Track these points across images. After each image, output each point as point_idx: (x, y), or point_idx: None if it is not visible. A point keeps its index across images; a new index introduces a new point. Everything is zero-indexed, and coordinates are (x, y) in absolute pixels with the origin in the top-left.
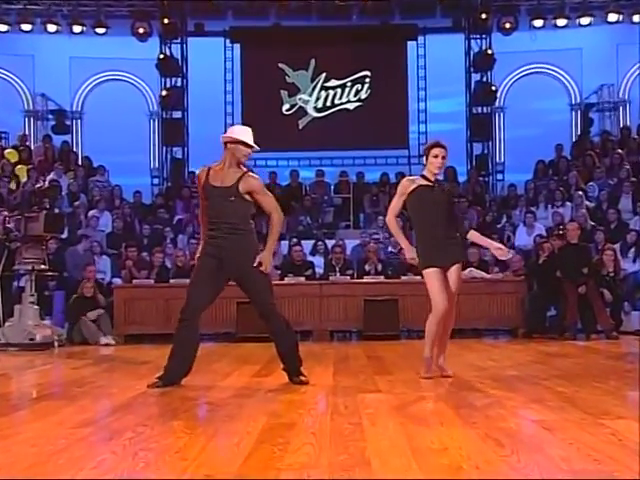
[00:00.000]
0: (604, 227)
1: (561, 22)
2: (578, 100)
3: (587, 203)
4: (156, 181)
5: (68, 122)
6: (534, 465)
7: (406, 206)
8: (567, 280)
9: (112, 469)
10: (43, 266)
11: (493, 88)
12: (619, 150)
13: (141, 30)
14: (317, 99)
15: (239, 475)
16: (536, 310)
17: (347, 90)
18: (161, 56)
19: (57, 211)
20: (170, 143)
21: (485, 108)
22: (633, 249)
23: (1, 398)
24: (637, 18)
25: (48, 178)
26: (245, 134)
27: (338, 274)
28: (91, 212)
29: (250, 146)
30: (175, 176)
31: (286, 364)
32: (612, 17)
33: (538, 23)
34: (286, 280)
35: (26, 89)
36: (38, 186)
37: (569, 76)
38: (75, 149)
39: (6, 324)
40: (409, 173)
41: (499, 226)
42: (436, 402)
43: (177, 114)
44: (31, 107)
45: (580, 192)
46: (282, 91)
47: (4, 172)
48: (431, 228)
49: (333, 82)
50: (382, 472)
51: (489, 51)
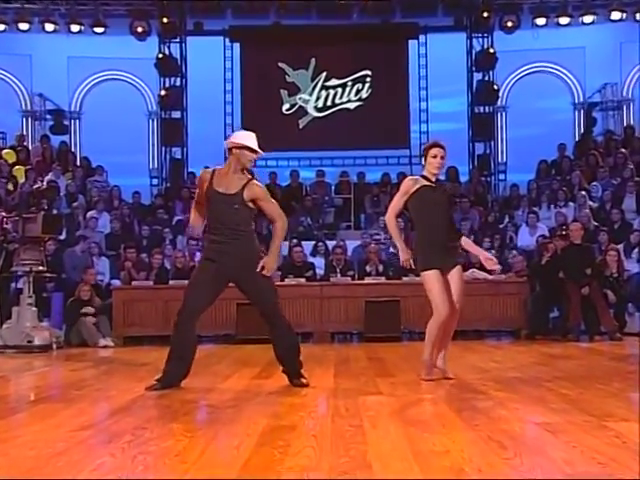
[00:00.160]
0: (607, 227)
1: (564, 20)
2: (581, 99)
3: (590, 203)
4: (155, 182)
5: (66, 122)
6: (537, 468)
7: (407, 206)
8: (570, 281)
9: (111, 472)
10: (41, 267)
11: (495, 87)
12: (622, 149)
13: (140, 29)
14: (317, 99)
15: (239, 478)
16: (539, 311)
17: (348, 89)
18: (160, 55)
19: (55, 212)
20: (169, 143)
21: (487, 107)
22: (637, 249)
23: None
24: None
25: (46, 179)
26: (249, 139)
27: (339, 275)
28: (90, 213)
29: (255, 151)
30: (174, 176)
31: (286, 366)
32: (615, 15)
33: (540, 21)
34: (286, 281)
35: (24, 89)
36: (36, 187)
37: (572, 75)
38: (73, 149)
39: (4, 326)
40: (410, 173)
41: (501, 226)
42: (438, 404)
43: (176, 114)
44: (29, 107)
45: (583, 192)
46: (282, 90)
47: (2, 173)
48: (432, 229)
49: (333, 81)
50: (383, 475)
51: (491, 50)
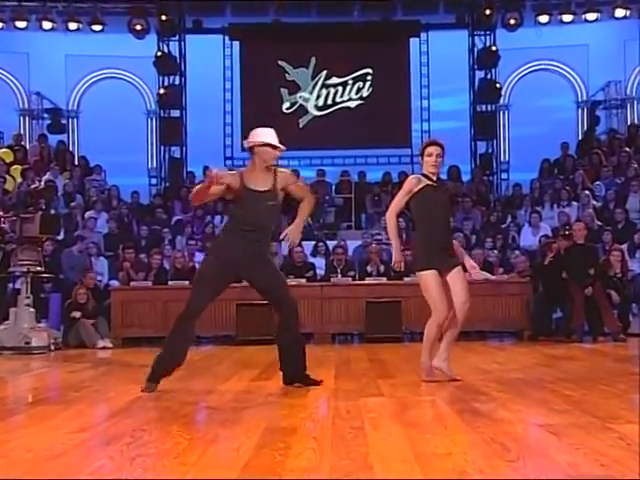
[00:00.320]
0: (611, 227)
1: (567, 18)
2: (584, 97)
3: (594, 203)
4: (154, 181)
5: (64, 121)
6: (540, 470)
7: (409, 206)
8: (573, 281)
9: (110, 474)
10: (39, 268)
11: (497, 85)
12: (626, 148)
13: (138, 27)
14: (318, 97)
15: None
16: (542, 312)
17: (348, 88)
18: (159, 54)
19: (53, 212)
20: (168, 142)
21: (489, 106)
22: None
23: None
24: None
25: (44, 178)
26: (270, 136)
27: (339, 275)
28: (88, 213)
29: (276, 147)
30: (173, 176)
31: (288, 363)
32: (619, 12)
33: (543, 19)
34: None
35: (21, 87)
36: (34, 186)
37: (575, 73)
38: (71, 149)
39: (1, 327)
40: (412, 172)
41: (504, 226)
42: (439, 406)
43: (175, 113)
44: (26, 106)
45: (587, 191)
46: (282, 89)
47: None
48: (433, 229)
49: (334, 80)
50: (385, 477)
51: (493, 48)
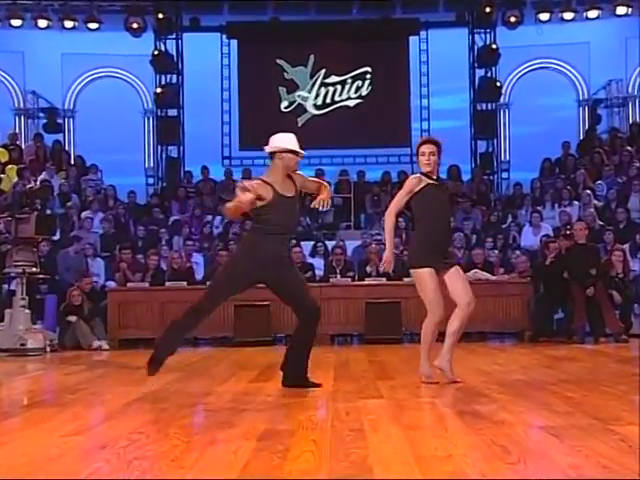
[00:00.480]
0: (613, 227)
1: (568, 15)
2: (586, 96)
3: (595, 202)
4: (151, 181)
5: (60, 120)
6: (541, 472)
7: (410, 205)
8: (575, 282)
9: (106, 478)
10: (34, 269)
11: (498, 84)
12: (628, 147)
13: (135, 25)
14: (316, 96)
15: None
16: (543, 313)
17: (347, 87)
18: (156, 52)
19: (49, 212)
20: (165, 142)
21: (490, 105)
22: None
23: None
24: None
25: (39, 178)
26: (292, 142)
27: (339, 276)
28: (84, 213)
29: (297, 153)
30: (170, 176)
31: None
32: (621, 10)
33: (544, 16)
34: None
35: (16, 86)
36: (29, 186)
37: (576, 71)
38: (67, 148)
39: None
40: (411, 172)
41: (504, 226)
42: (440, 408)
43: (172, 112)
44: (22, 105)
45: (588, 191)
46: (280, 88)
47: None
48: (433, 228)
49: (333, 78)
50: None
51: (494, 46)
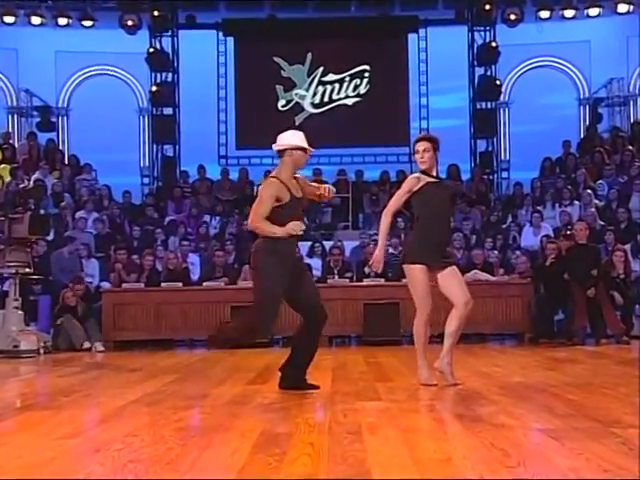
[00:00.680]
0: (614, 227)
1: (568, 13)
2: (586, 94)
3: (596, 202)
4: (146, 180)
5: (54, 119)
6: (541, 476)
7: (410, 204)
8: (575, 282)
9: None
10: (28, 269)
11: (497, 82)
12: (629, 147)
13: (130, 23)
14: (314, 94)
15: None
16: (543, 314)
17: (345, 85)
18: (151, 50)
19: (42, 212)
20: (161, 141)
21: (489, 103)
22: None
23: None
24: None
25: (33, 177)
26: (301, 139)
27: (336, 277)
28: (78, 213)
29: (306, 150)
30: (166, 175)
31: (291, 366)
32: (622, 8)
33: (544, 14)
34: None
35: (9, 84)
36: (22, 186)
37: (577, 69)
38: (61, 147)
39: None
40: (410, 171)
41: (504, 226)
42: (439, 410)
43: (168, 110)
44: (15, 103)
45: (589, 190)
46: (277, 86)
47: None
48: (432, 226)
49: (331, 77)
50: None
51: (493, 44)
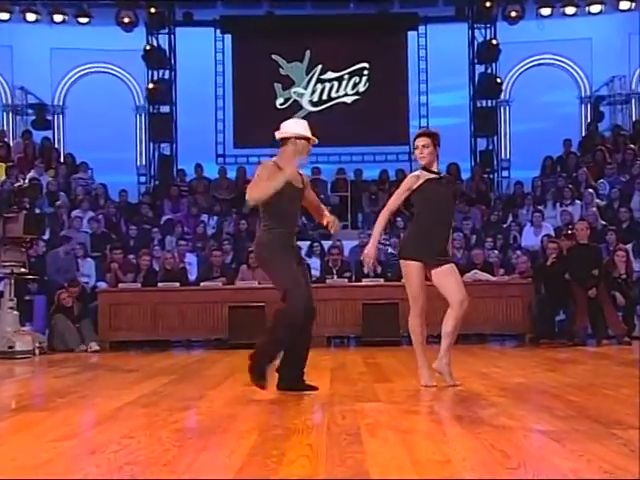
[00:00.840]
0: (615, 227)
1: (570, 10)
2: (588, 93)
3: (597, 201)
4: (143, 179)
5: (49, 117)
6: (542, 477)
7: (410, 203)
8: (576, 283)
9: None
10: (23, 269)
11: (498, 80)
12: (631, 145)
13: (126, 19)
14: (313, 92)
15: None
16: (544, 314)
17: (344, 83)
18: (148, 47)
19: (38, 211)
20: (158, 139)
21: (490, 101)
22: None
23: None
24: None
25: (28, 176)
26: (305, 127)
27: (335, 277)
28: (74, 212)
29: (308, 139)
30: (163, 174)
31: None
32: (624, 5)
33: (545, 11)
34: None
35: (4, 82)
36: (17, 185)
37: (578, 67)
38: (57, 145)
39: None
40: (410, 170)
41: (505, 226)
42: (438, 411)
43: (165, 108)
44: (10, 101)
45: (590, 190)
46: (276, 84)
47: None
48: (431, 223)
49: (329, 74)
50: None
51: (494, 41)
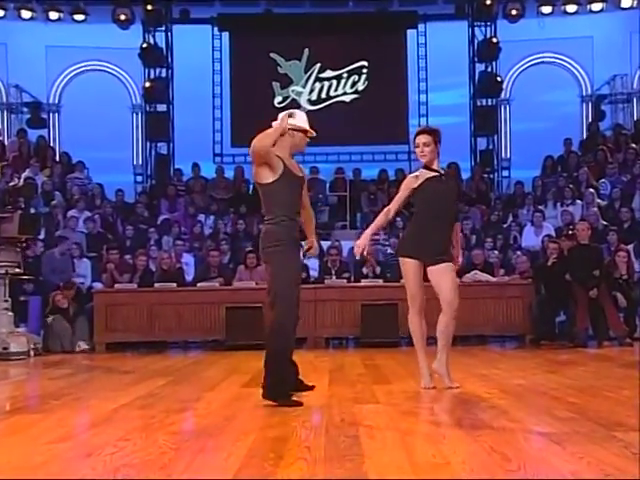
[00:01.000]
0: (617, 227)
1: (571, 8)
2: (589, 91)
3: (598, 201)
4: (139, 179)
5: (44, 115)
6: None
7: (411, 202)
8: (577, 283)
9: None
10: (18, 270)
11: (498, 79)
12: (633, 145)
13: (123, 17)
14: (311, 91)
15: None
16: (544, 315)
17: (343, 81)
18: (144, 45)
19: (33, 211)
20: (154, 138)
21: (490, 100)
22: None
23: None
24: None
25: (23, 175)
26: (304, 120)
27: (334, 277)
28: (70, 212)
29: (306, 131)
30: (160, 173)
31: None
32: (625, 3)
33: (546, 9)
34: None
35: None
36: (12, 184)
37: (579, 66)
38: (52, 144)
39: None
40: (409, 169)
41: (505, 226)
42: (438, 414)
43: (162, 107)
44: (4, 99)
45: (591, 189)
46: (274, 82)
47: None
48: (430, 222)
49: (328, 73)
50: None
51: (494, 39)
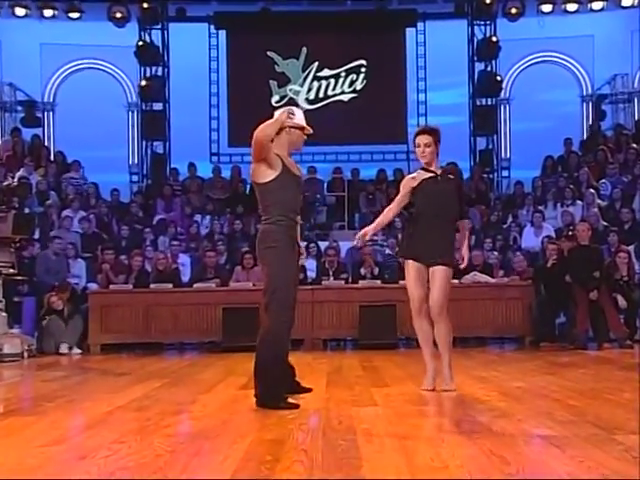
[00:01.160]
0: (617, 227)
1: (571, 7)
2: (589, 91)
3: (599, 202)
4: (135, 178)
5: (39, 114)
6: None
7: (410, 203)
8: (577, 285)
9: None
10: (12, 270)
11: (498, 78)
12: (634, 145)
13: (118, 15)
14: (309, 90)
15: None
16: (544, 317)
17: (341, 80)
18: (140, 43)
19: (27, 211)
20: (150, 137)
21: (489, 100)
22: None
23: None
24: None
25: (17, 175)
26: (301, 118)
27: (332, 278)
28: (64, 212)
29: (303, 128)
30: (156, 173)
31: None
32: (626, 1)
33: (546, 8)
34: None
35: None
36: (6, 184)
37: (580, 65)
38: (47, 143)
39: None
40: (408, 169)
41: (505, 226)
42: (436, 416)
43: (158, 106)
44: None
45: (591, 190)
46: (271, 81)
47: None
48: (427, 222)
49: (326, 72)
50: None
51: (494, 38)
